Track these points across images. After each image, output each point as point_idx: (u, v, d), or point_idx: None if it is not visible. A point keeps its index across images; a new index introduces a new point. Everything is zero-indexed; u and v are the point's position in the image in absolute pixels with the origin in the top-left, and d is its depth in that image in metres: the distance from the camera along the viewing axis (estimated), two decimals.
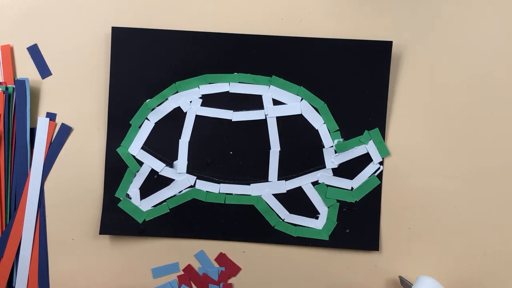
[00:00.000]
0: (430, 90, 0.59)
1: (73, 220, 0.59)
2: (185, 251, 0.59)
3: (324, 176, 0.58)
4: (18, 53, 0.59)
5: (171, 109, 0.59)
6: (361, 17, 0.59)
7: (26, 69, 0.59)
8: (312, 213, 0.58)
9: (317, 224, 0.58)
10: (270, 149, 0.58)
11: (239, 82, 0.58)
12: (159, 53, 0.58)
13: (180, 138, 0.59)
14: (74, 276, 0.57)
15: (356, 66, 0.58)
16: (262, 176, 0.58)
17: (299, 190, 0.58)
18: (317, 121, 0.58)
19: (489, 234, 0.58)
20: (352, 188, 0.58)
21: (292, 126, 0.58)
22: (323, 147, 0.58)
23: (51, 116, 0.59)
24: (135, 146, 0.59)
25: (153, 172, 0.59)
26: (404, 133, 0.59)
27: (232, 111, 0.58)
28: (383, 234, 0.58)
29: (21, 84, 0.58)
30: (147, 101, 0.58)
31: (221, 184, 0.59)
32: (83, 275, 0.59)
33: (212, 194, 0.58)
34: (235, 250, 0.59)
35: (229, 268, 0.59)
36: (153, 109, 0.59)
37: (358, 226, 0.58)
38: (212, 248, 0.59)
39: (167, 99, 0.59)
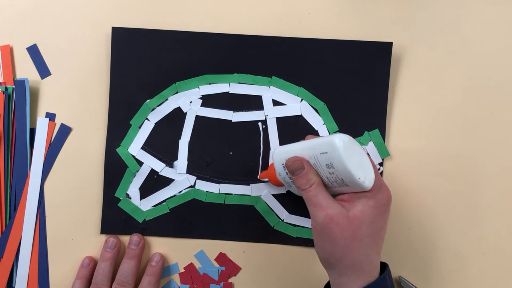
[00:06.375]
0: (430, 91, 0.59)
1: (73, 220, 0.59)
2: (185, 251, 0.59)
3: None
4: (18, 53, 0.59)
5: (171, 110, 0.59)
6: (361, 17, 0.59)
7: (26, 69, 0.59)
8: None
9: None
10: (269, 149, 0.58)
11: (239, 83, 0.58)
12: (159, 53, 0.58)
13: (180, 138, 0.59)
14: (74, 276, 0.57)
15: (356, 67, 0.58)
16: None
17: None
18: (317, 122, 0.58)
19: (489, 234, 0.58)
20: None
21: (292, 127, 0.58)
22: None
23: (51, 116, 0.59)
24: (135, 146, 0.59)
25: (153, 172, 0.59)
26: (404, 134, 0.59)
27: (232, 111, 0.58)
28: None
29: (20, 84, 0.58)
30: (147, 101, 0.58)
31: (221, 184, 0.59)
32: None
33: (212, 194, 0.59)
34: (235, 250, 0.59)
35: (229, 267, 0.59)
36: (153, 109, 0.58)
37: None
38: (212, 248, 0.59)
39: (167, 99, 0.59)
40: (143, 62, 0.58)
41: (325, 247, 0.45)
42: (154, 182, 0.59)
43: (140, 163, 0.59)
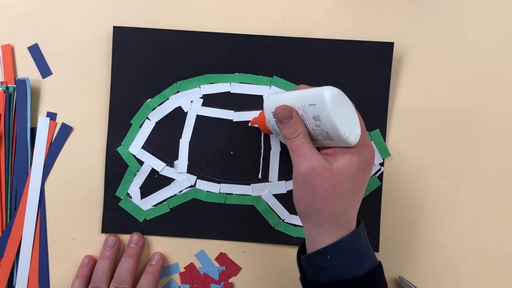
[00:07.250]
0: (431, 91, 0.59)
1: (74, 220, 0.59)
2: (185, 251, 0.59)
3: None
4: (19, 53, 0.59)
5: (172, 109, 0.59)
6: (362, 17, 0.59)
7: (27, 69, 0.59)
8: None
9: None
10: (270, 149, 0.58)
11: (240, 82, 0.58)
12: (160, 52, 0.58)
13: (180, 138, 0.59)
14: (74, 276, 0.57)
15: (357, 67, 0.58)
16: (262, 176, 0.58)
17: None
18: None
19: (489, 234, 0.59)
20: None
21: None
22: None
23: (52, 116, 0.59)
24: (135, 146, 0.59)
25: (153, 171, 0.59)
26: (405, 134, 0.59)
27: (233, 111, 0.58)
28: (383, 234, 0.59)
29: (21, 84, 0.58)
30: (148, 100, 0.58)
31: (221, 184, 0.59)
32: None
33: (212, 194, 0.59)
34: (236, 250, 0.59)
35: (229, 267, 0.59)
36: (154, 109, 0.58)
37: None
38: (212, 248, 0.59)
39: (168, 98, 0.59)
40: (144, 61, 0.58)
41: (304, 198, 0.45)
42: (155, 182, 0.59)
43: (141, 163, 0.59)
